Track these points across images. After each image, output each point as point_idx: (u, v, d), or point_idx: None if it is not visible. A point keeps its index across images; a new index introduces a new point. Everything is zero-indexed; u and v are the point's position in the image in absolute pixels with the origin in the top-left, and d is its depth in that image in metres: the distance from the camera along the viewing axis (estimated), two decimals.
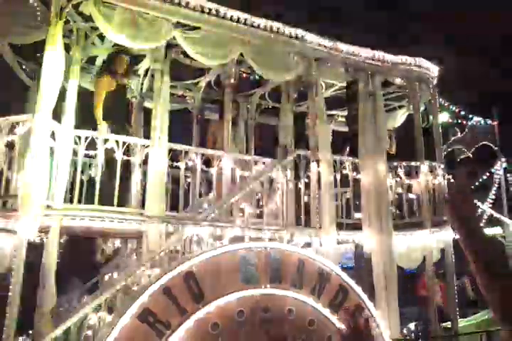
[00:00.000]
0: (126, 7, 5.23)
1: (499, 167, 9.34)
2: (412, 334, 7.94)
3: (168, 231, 5.13)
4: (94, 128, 5.48)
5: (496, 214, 8.59)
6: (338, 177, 6.07)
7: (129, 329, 4.07)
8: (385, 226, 5.92)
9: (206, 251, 4.54)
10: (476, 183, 8.78)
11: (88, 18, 5.35)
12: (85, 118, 5.51)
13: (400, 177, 6.51)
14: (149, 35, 5.34)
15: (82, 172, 5.31)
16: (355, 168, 6.24)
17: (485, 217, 8.29)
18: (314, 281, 5.01)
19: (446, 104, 8.35)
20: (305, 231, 5.65)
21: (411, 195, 6.59)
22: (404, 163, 6.58)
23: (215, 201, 5.60)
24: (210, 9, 5.62)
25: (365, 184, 6.09)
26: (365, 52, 6.55)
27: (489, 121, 9.31)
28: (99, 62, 6.56)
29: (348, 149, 6.85)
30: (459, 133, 8.60)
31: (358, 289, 5.24)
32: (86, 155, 5.34)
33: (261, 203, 5.69)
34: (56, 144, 4.90)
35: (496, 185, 9.24)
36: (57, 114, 5.01)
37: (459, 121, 8.73)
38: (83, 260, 7.13)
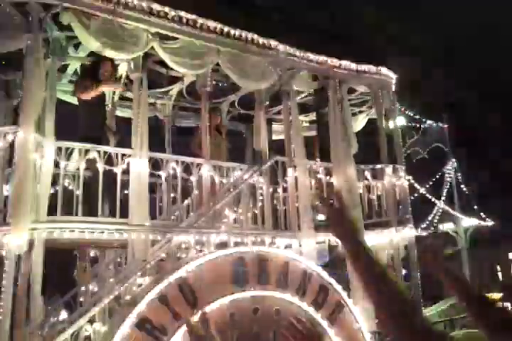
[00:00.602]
0: (105, 17, 5.25)
1: (450, 166, 10.05)
2: None
3: (153, 240, 5.22)
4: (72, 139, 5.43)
5: (452, 212, 9.24)
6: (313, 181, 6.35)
7: (127, 338, 4.14)
8: None
9: (199, 257, 4.69)
10: (430, 182, 9.41)
11: (63, 28, 5.32)
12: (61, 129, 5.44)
13: (367, 179, 6.90)
14: (129, 45, 5.38)
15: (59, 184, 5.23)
16: (327, 172, 6.55)
17: (439, 213, 8.95)
18: (298, 282, 5.27)
19: (402, 109, 8.92)
20: (285, 233, 5.90)
21: (372, 196, 6.98)
22: (370, 166, 6.98)
23: (198, 207, 5.72)
24: (187, 19, 5.73)
25: (338, 187, 6.42)
26: (333, 62, 6.89)
27: (440, 124, 10.02)
28: (70, 70, 6.50)
29: (318, 153, 7.16)
30: (415, 136, 9.22)
31: (338, 287, 5.56)
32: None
33: (240, 209, 5.87)
34: (37, 156, 4.85)
35: (448, 184, 9.96)
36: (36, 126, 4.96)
37: (415, 125, 9.33)
38: (58, 271, 7.01)
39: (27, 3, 4.93)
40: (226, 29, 6.00)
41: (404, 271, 6.90)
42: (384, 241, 6.72)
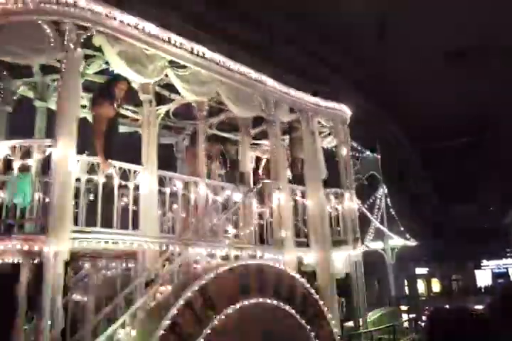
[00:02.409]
0: (131, 42, 5.66)
1: (381, 192, 11.55)
2: None
3: (160, 250, 5.64)
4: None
5: (386, 231, 10.63)
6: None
7: (163, 339, 4.56)
8: (325, 243, 7.22)
9: (217, 268, 5.23)
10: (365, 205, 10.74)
11: (87, 47, 5.61)
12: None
13: (331, 202, 7.91)
14: (148, 69, 5.83)
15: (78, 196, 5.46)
16: (302, 195, 7.44)
17: (372, 232, 10.30)
18: (286, 290, 6.01)
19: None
20: (271, 248, 6.62)
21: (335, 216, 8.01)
22: (333, 190, 8.01)
23: (197, 222, 6.23)
24: (198, 51, 6.32)
25: (311, 208, 7.32)
26: (307, 97, 7.87)
27: (375, 155, 11.50)
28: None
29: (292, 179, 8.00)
30: (357, 164, 10.51)
31: (316, 295, 6.39)
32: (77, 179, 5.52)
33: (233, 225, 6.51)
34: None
35: (377, 207, 11.41)
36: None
37: (356, 155, 10.65)
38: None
39: (64, 23, 5.20)
40: (228, 63, 6.69)
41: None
42: (343, 256, 7.74)
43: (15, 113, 6.60)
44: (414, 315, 11.74)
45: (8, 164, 4.98)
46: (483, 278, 33.52)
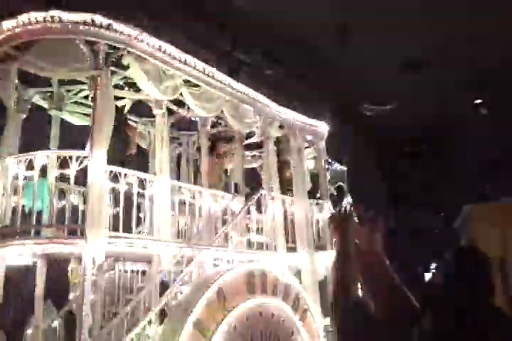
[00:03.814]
0: (153, 62, 6.17)
1: (346, 202, 12.55)
2: None
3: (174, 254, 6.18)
4: None
5: None
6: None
7: (190, 335, 5.12)
8: (310, 248, 8.00)
9: (231, 270, 5.86)
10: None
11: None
12: None
13: (314, 211, 8.72)
14: (168, 88, 6.36)
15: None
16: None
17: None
18: (283, 291, 6.72)
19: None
20: (266, 253, 7.31)
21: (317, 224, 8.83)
22: (315, 201, 8.83)
23: (204, 228, 6.80)
24: (209, 71, 6.91)
25: (297, 216, 8.08)
26: (294, 115, 8.64)
27: (342, 167, 12.51)
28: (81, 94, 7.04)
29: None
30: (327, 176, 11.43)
31: (307, 296, 7.15)
32: None
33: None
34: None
35: None
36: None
37: (327, 167, 11.57)
38: (55, 282, 7.17)
39: (98, 43, 5.63)
40: (232, 82, 7.32)
41: None
42: (322, 260, 8.55)
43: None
44: None
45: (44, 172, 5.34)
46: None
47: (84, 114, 7.39)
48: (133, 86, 6.96)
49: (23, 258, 5.86)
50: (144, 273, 7.10)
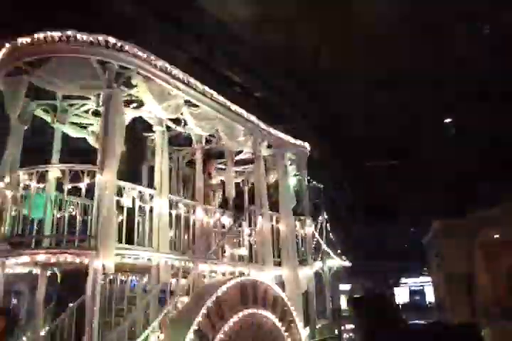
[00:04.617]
0: (159, 83, 6.50)
1: (321, 218, 13.06)
2: None
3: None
4: None
5: (330, 253, 12.07)
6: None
7: None
8: (294, 262, 8.41)
9: (229, 281, 6.17)
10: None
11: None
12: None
13: (297, 227, 9.15)
14: (172, 108, 6.70)
15: None
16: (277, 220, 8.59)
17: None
18: (272, 302, 7.07)
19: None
20: (255, 266, 7.66)
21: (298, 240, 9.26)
22: (298, 217, 9.27)
23: (199, 241, 7.09)
24: (207, 92, 7.30)
25: (283, 231, 8.49)
26: (282, 136, 9.12)
27: (318, 185, 13.05)
28: (83, 108, 7.26)
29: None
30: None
31: (292, 308, 7.52)
32: None
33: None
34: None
35: (318, 231, 12.86)
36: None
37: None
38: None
39: (110, 64, 5.93)
40: (228, 103, 7.73)
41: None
42: (304, 273, 8.97)
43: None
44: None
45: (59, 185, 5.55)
46: (401, 294, 36.85)
47: (81, 127, 7.62)
48: (134, 103, 7.24)
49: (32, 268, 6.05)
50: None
